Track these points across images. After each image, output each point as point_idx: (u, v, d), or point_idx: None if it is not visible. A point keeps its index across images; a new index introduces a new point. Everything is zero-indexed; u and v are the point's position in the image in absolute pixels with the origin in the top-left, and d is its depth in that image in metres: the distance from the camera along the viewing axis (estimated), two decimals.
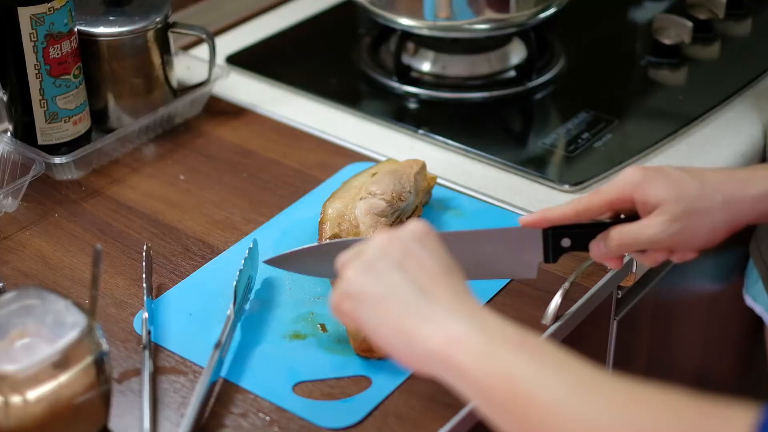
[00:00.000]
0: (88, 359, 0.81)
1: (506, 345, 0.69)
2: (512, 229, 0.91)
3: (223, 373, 0.92)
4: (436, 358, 0.71)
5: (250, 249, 0.99)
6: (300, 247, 0.92)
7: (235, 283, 0.95)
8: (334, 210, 1.02)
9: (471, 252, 0.90)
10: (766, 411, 0.57)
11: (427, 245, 0.78)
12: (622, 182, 0.88)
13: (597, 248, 0.90)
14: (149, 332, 0.94)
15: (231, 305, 0.95)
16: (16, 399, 0.78)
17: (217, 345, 0.91)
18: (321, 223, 1.03)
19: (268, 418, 0.87)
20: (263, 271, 1.03)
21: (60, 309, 0.83)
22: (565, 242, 0.91)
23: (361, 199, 1.03)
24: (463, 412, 0.88)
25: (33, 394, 0.79)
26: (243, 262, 0.97)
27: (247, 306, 0.99)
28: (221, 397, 0.89)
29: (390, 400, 0.89)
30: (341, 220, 1.01)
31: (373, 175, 1.07)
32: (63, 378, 0.80)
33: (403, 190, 1.04)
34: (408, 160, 1.10)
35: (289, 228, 1.09)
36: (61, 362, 0.79)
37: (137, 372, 0.92)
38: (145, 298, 0.98)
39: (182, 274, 1.03)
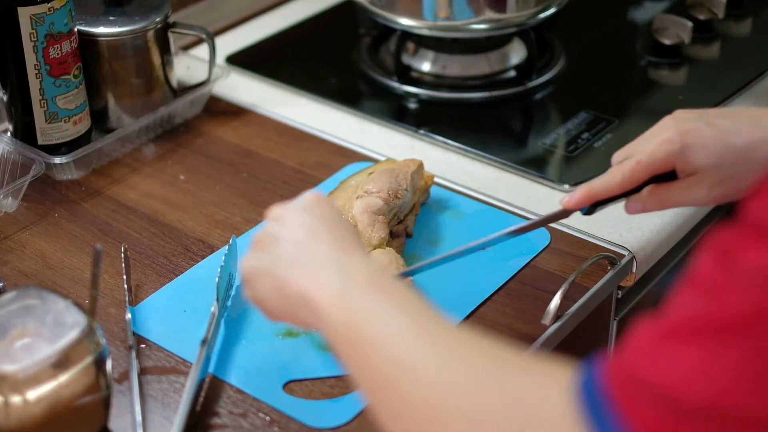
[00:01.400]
0: (88, 359, 0.81)
1: (362, 288, 0.70)
2: (558, 212, 0.93)
3: (216, 371, 0.92)
4: (302, 303, 0.73)
5: (229, 246, 1.00)
6: None
7: (217, 279, 0.95)
8: None
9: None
10: (585, 370, 0.57)
11: (314, 210, 0.80)
12: (664, 151, 0.88)
13: (634, 206, 0.92)
14: (134, 333, 0.95)
15: (214, 302, 0.95)
16: (16, 399, 0.78)
17: (204, 342, 0.91)
18: None
19: (268, 418, 0.87)
20: None
21: (60, 309, 0.83)
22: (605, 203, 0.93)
23: (357, 198, 1.03)
24: None
25: (33, 394, 0.79)
26: (223, 258, 0.98)
27: (230, 303, 0.99)
28: (220, 397, 0.90)
29: None
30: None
31: (370, 174, 1.07)
32: (63, 378, 0.80)
33: (400, 188, 1.04)
34: (405, 160, 1.10)
35: None
36: (61, 362, 0.79)
37: (155, 364, 0.92)
38: (126, 299, 0.98)
39: (182, 274, 1.03)
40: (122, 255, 1.03)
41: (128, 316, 0.96)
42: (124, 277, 1.01)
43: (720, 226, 0.54)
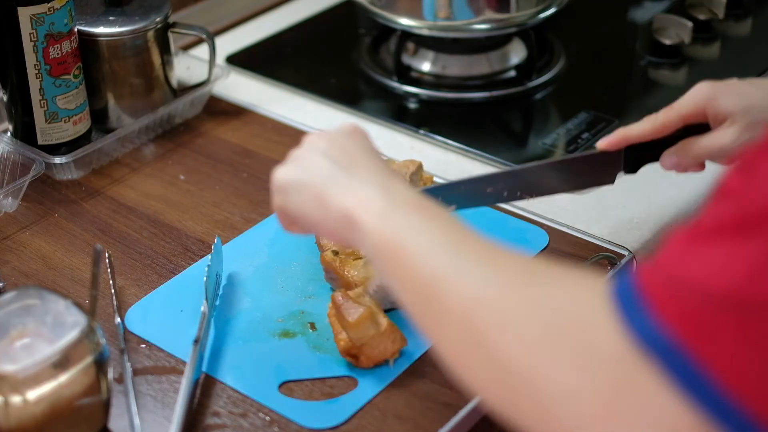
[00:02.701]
0: (88, 359, 0.81)
1: (404, 208, 0.72)
2: (595, 153, 0.95)
3: (213, 371, 0.91)
4: (344, 220, 0.75)
5: (214, 245, 1.00)
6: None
7: (204, 279, 0.96)
8: None
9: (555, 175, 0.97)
10: (620, 278, 0.59)
11: (354, 137, 0.82)
12: (694, 97, 0.93)
13: (669, 160, 0.95)
14: (124, 338, 0.95)
15: (204, 302, 0.95)
16: (16, 399, 0.78)
17: (196, 341, 0.91)
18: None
19: (268, 418, 0.87)
20: (258, 269, 1.03)
21: (60, 309, 0.83)
22: (645, 155, 0.95)
23: None
24: (463, 412, 0.88)
25: (33, 394, 0.79)
26: (210, 258, 0.98)
27: (218, 302, 0.99)
28: (221, 397, 0.90)
29: (390, 400, 0.89)
30: None
31: None
32: (63, 378, 0.80)
33: None
34: (405, 161, 1.10)
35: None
36: (61, 362, 0.79)
37: (137, 372, 0.92)
38: (114, 302, 0.99)
39: (179, 274, 1.03)
40: (107, 261, 1.02)
41: (117, 320, 0.96)
42: (111, 282, 1.01)
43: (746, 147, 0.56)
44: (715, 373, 0.54)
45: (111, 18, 1.20)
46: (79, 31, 1.17)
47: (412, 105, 1.34)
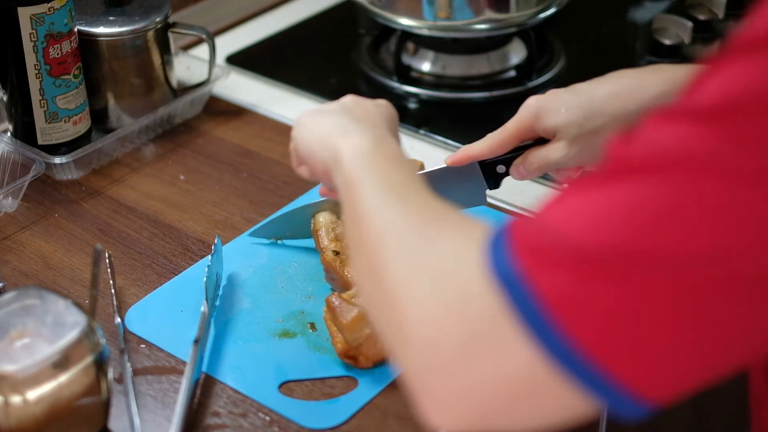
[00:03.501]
0: (88, 359, 0.81)
1: (380, 155, 0.77)
2: (453, 167, 0.99)
3: (213, 372, 0.91)
4: (333, 157, 0.80)
5: (214, 245, 1.00)
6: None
7: (204, 279, 0.96)
8: (325, 218, 1.02)
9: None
10: (493, 242, 0.61)
11: (380, 108, 0.88)
12: (521, 117, 0.97)
13: (517, 171, 0.99)
14: (124, 337, 0.95)
15: (204, 302, 0.95)
16: (16, 399, 0.78)
17: (196, 341, 0.91)
18: (314, 231, 1.02)
19: (268, 418, 0.87)
20: (258, 269, 1.03)
21: (60, 309, 0.83)
22: (500, 168, 0.99)
23: None
24: None
25: (33, 394, 0.79)
26: (210, 258, 0.98)
27: (218, 302, 0.99)
28: (221, 397, 0.90)
29: (390, 400, 0.89)
30: (335, 225, 1.01)
31: None
32: (63, 378, 0.80)
33: None
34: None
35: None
36: (61, 362, 0.79)
37: (137, 372, 0.92)
38: (114, 303, 0.98)
39: (179, 274, 1.03)
40: (107, 261, 1.02)
41: (117, 320, 0.96)
42: (111, 282, 1.01)
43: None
44: (554, 311, 0.56)
45: (111, 18, 1.20)
46: (79, 31, 1.17)
47: (412, 105, 1.34)
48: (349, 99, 0.90)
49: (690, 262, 0.55)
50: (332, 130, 0.83)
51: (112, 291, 1.00)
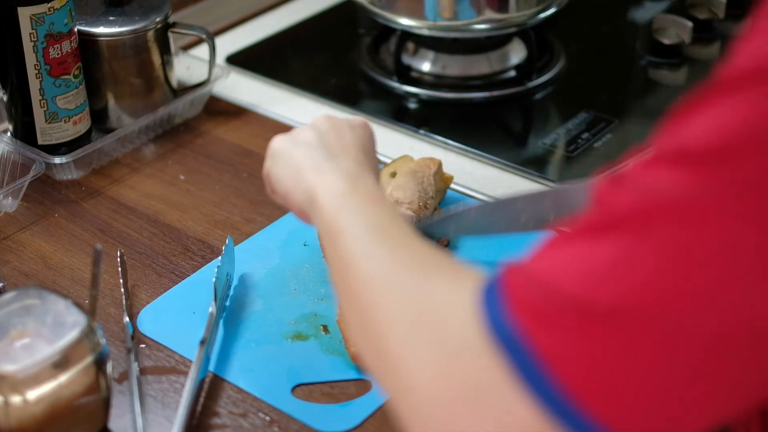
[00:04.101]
0: (88, 359, 0.81)
1: (357, 196, 0.77)
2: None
3: (225, 374, 0.91)
4: (308, 197, 0.80)
5: (225, 246, 1.00)
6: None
7: (214, 280, 0.95)
8: None
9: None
10: (492, 274, 0.61)
11: (356, 131, 0.87)
12: None
13: None
14: (132, 336, 0.95)
15: (212, 302, 0.95)
16: (16, 399, 0.78)
17: (202, 342, 0.91)
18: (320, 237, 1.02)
19: (268, 418, 0.87)
20: (270, 271, 1.03)
21: (60, 309, 0.83)
22: None
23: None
24: None
25: (33, 394, 0.79)
26: (220, 258, 0.98)
27: (228, 303, 0.99)
28: (221, 397, 0.90)
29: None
30: None
31: (393, 175, 1.07)
32: (63, 378, 0.80)
33: (428, 197, 1.03)
34: (425, 159, 1.09)
35: (296, 230, 1.08)
36: (61, 362, 0.79)
37: (155, 363, 0.92)
38: (123, 302, 0.98)
39: (182, 274, 1.03)
40: (118, 259, 1.03)
41: (126, 319, 0.96)
42: (121, 281, 1.01)
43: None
44: (554, 370, 0.56)
45: (111, 18, 1.20)
46: (79, 31, 1.17)
47: (412, 105, 1.34)
48: (323, 122, 0.88)
49: (695, 317, 0.54)
50: (306, 166, 0.82)
51: (122, 290, 1.00)
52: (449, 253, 0.68)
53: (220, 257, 0.98)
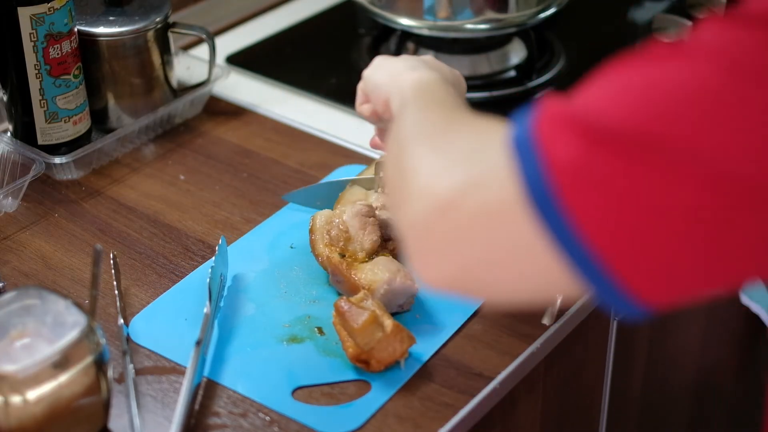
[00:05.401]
0: (88, 359, 0.81)
1: (441, 86, 0.82)
2: None
3: (223, 379, 0.91)
4: (398, 85, 0.85)
5: (219, 246, 1.00)
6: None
7: (208, 280, 0.95)
8: (321, 220, 1.02)
9: None
10: (519, 114, 0.61)
11: (455, 73, 0.93)
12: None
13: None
14: (127, 338, 0.95)
15: (207, 303, 0.95)
16: (16, 399, 0.78)
17: (198, 342, 0.91)
18: (310, 232, 1.02)
19: (268, 418, 0.87)
20: (259, 274, 1.03)
21: (60, 309, 0.83)
22: None
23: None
24: (463, 412, 0.88)
25: (33, 394, 0.79)
26: (214, 259, 0.98)
27: (222, 303, 0.99)
28: (221, 397, 0.90)
29: (390, 400, 0.89)
30: (330, 227, 1.01)
31: (378, 189, 1.06)
32: (63, 378, 0.80)
33: None
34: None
35: (281, 232, 1.08)
36: (61, 362, 0.79)
37: (137, 372, 0.92)
38: (117, 303, 0.98)
39: (182, 274, 1.03)
40: (111, 262, 1.02)
41: (120, 321, 0.96)
42: (115, 283, 1.00)
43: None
44: (560, 183, 0.55)
45: (111, 18, 1.20)
46: (79, 31, 1.17)
47: None
48: (428, 57, 0.94)
49: (705, 156, 0.53)
50: (403, 68, 0.88)
51: (116, 293, 1.00)
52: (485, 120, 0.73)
53: (211, 260, 0.98)
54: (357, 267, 0.97)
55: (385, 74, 0.90)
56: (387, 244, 1.01)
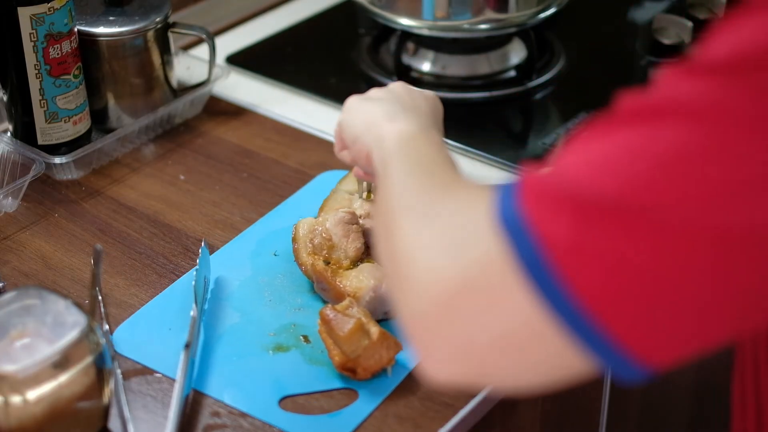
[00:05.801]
0: (88, 359, 0.81)
1: (423, 140, 0.80)
2: None
3: (209, 390, 0.90)
4: (378, 139, 0.83)
5: (201, 249, 1.00)
6: None
7: (193, 283, 0.95)
8: (305, 228, 1.01)
9: None
10: (502, 192, 0.61)
11: (428, 100, 0.92)
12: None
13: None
14: (111, 343, 0.94)
15: (193, 306, 0.94)
16: (16, 399, 0.78)
17: (187, 346, 0.90)
18: (293, 241, 1.02)
19: (254, 428, 0.87)
20: (243, 283, 1.02)
21: (60, 309, 0.83)
22: None
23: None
24: (463, 412, 0.88)
25: (33, 394, 0.79)
26: (198, 261, 0.98)
27: (206, 306, 0.98)
28: (206, 410, 0.89)
29: (390, 400, 0.89)
30: (313, 235, 1.00)
31: (368, 195, 1.06)
32: (63, 378, 0.80)
33: None
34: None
35: (264, 240, 1.08)
36: (61, 362, 0.79)
37: (137, 372, 0.92)
38: (101, 309, 0.98)
39: (182, 274, 1.03)
40: (91, 265, 1.01)
41: (105, 327, 0.96)
42: (97, 288, 0.99)
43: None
44: (557, 260, 0.55)
45: (111, 18, 1.20)
46: (79, 31, 1.17)
47: None
48: (399, 87, 0.93)
49: (695, 215, 0.53)
50: (380, 117, 0.85)
51: (99, 298, 0.98)
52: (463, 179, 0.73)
53: (193, 270, 0.98)
54: (342, 274, 0.96)
55: (361, 124, 0.89)
56: (371, 251, 1.00)
